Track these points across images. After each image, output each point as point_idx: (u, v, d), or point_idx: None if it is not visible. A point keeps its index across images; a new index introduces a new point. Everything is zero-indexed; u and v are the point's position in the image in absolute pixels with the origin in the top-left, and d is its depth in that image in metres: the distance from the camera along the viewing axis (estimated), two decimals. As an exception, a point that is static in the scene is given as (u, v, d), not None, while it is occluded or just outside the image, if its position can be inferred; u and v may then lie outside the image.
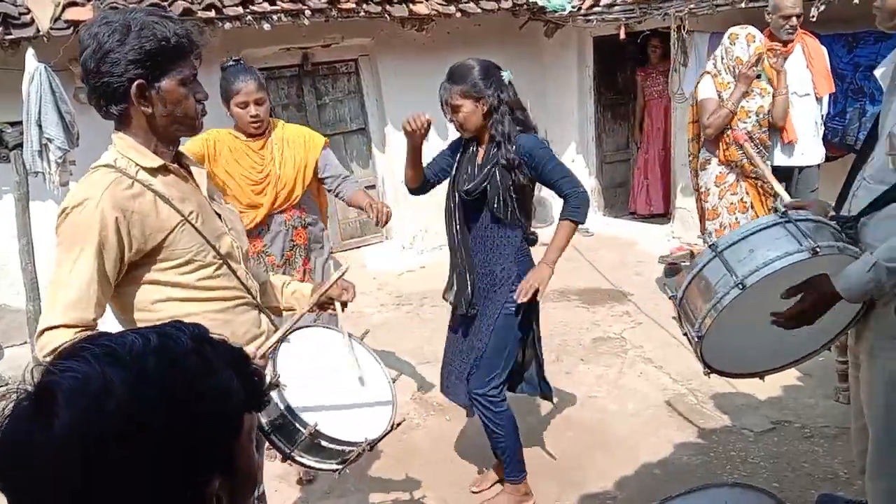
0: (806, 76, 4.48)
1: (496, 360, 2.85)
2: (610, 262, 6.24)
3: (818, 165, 4.57)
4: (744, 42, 4.20)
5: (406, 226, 6.76)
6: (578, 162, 7.53)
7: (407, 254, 6.75)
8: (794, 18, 4.39)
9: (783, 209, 1.95)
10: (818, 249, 1.80)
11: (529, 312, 2.91)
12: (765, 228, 1.92)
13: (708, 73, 4.39)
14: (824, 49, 4.60)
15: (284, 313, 2.14)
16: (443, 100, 2.81)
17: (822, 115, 4.64)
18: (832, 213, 2.08)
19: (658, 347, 4.40)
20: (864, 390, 2.02)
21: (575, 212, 2.74)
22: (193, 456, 0.74)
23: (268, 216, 3.29)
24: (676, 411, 3.72)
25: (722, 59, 4.32)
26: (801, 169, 4.51)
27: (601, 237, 7.10)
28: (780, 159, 4.70)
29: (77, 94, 4.77)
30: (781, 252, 1.83)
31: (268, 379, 1.78)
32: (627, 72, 7.62)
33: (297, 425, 1.77)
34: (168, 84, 1.66)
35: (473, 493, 3.19)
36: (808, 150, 4.50)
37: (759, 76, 4.25)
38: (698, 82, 4.45)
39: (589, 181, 7.58)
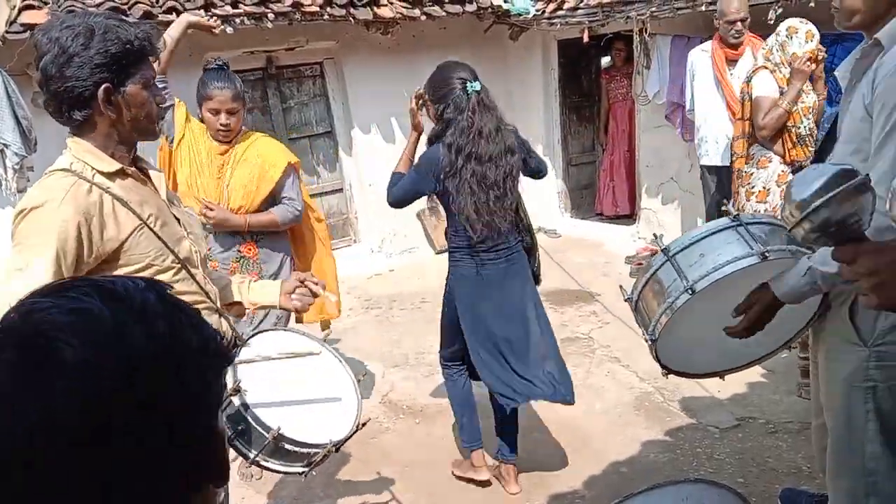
0: None
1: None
2: (577, 263, 6.28)
3: None
4: (802, 38, 3.93)
5: (375, 229, 6.74)
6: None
7: (376, 257, 6.72)
8: (739, 23, 4.44)
9: (735, 212, 1.96)
10: (767, 254, 1.81)
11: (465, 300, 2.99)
12: (716, 233, 1.92)
13: (765, 68, 4.09)
14: None
15: (247, 314, 2.11)
16: None
17: None
18: None
19: (625, 347, 4.44)
20: (823, 392, 2.05)
21: (390, 184, 2.97)
22: (199, 397, 0.69)
23: None
24: (643, 410, 3.76)
25: (775, 51, 4.04)
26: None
27: (568, 239, 7.15)
28: (716, 159, 4.81)
29: (35, 98, 4.62)
30: (731, 257, 1.84)
31: (229, 384, 1.76)
32: (592, 74, 7.70)
33: (260, 430, 1.75)
34: (133, 88, 1.64)
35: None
36: None
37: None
38: (751, 77, 4.15)
39: (556, 183, 7.63)
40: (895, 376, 1.85)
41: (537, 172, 3.07)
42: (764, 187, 4.13)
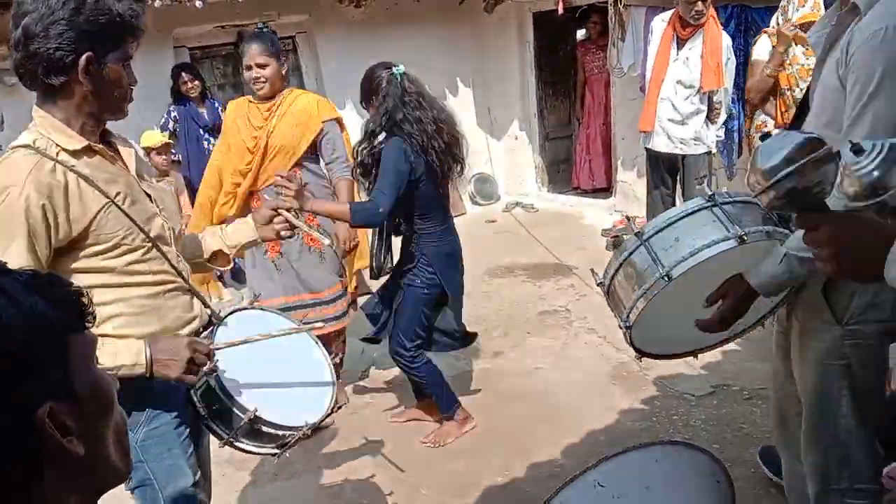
0: (697, 67, 4.53)
1: (406, 327, 3.26)
2: (554, 237, 6.30)
3: (709, 153, 4.72)
4: (796, 3, 3.86)
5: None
6: (521, 139, 7.56)
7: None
8: (700, 3, 4.37)
9: (710, 192, 1.91)
10: (745, 237, 1.74)
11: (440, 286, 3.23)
12: (691, 214, 1.84)
13: (765, 32, 4.10)
14: (726, 42, 4.59)
15: (218, 301, 2.09)
16: None
17: (722, 106, 4.68)
18: None
19: (602, 318, 4.46)
20: (796, 368, 2.05)
21: (357, 209, 2.91)
22: (9, 388, 0.71)
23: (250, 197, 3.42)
24: (620, 379, 3.80)
25: (779, 16, 4.01)
26: (684, 157, 4.68)
27: (546, 213, 7.16)
28: (663, 144, 4.76)
29: (2, 76, 4.57)
30: (708, 241, 1.77)
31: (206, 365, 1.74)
32: (568, 48, 7.66)
33: (236, 411, 1.73)
34: (113, 63, 1.62)
35: (390, 422, 3.60)
36: (689, 140, 4.63)
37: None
38: (755, 43, 4.16)
39: (533, 158, 7.62)
40: (869, 354, 1.86)
41: None
42: None
